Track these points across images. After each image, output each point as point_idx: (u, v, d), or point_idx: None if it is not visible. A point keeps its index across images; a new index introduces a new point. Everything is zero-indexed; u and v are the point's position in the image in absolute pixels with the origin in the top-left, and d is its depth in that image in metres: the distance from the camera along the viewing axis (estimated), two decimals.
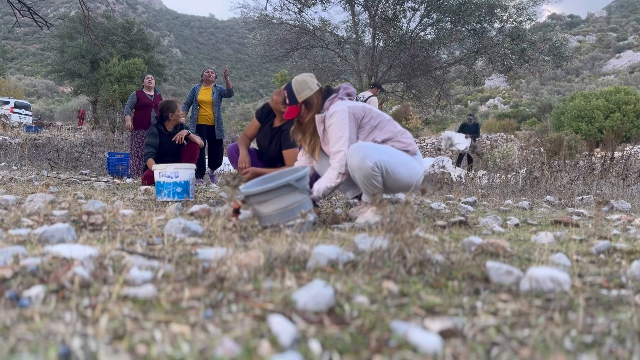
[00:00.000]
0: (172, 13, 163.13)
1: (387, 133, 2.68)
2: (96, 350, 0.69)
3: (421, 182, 2.70)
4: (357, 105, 2.68)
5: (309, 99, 2.73)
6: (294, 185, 2.18)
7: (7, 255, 1.21)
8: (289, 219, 2.15)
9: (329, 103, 2.71)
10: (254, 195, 2.19)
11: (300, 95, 2.72)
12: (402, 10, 13.59)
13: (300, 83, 2.74)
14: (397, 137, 2.69)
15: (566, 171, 6.61)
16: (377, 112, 2.73)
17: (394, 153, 2.58)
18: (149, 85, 6.78)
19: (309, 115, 2.74)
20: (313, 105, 2.73)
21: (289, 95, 2.75)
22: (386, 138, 2.67)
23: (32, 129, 17.78)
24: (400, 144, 2.68)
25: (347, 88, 2.82)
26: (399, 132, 2.72)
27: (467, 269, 1.35)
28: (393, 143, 2.67)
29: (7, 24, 77.64)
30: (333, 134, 2.62)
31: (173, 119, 4.80)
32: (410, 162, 2.63)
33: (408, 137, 2.74)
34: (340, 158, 2.57)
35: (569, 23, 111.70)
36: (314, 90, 2.73)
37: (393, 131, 2.70)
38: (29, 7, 8.68)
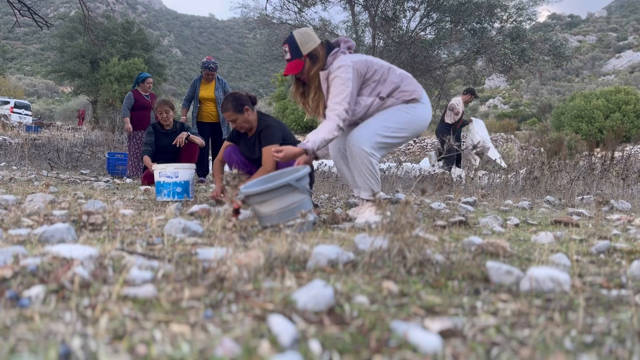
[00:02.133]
0: (172, 13, 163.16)
1: (391, 85, 2.63)
2: (96, 350, 0.69)
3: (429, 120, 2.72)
4: (360, 60, 2.61)
5: (314, 52, 2.62)
6: (294, 185, 2.17)
7: (7, 255, 1.21)
8: (289, 219, 2.14)
9: (332, 58, 2.62)
10: (254, 195, 2.18)
11: (305, 48, 2.60)
12: (402, 10, 13.59)
13: (303, 35, 2.63)
14: (400, 86, 2.64)
15: (566, 171, 6.61)
16: (378, 63, 2.66)
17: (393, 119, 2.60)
18: (149, 87, 6.75)
19: (315, 68, 2.64)
20: (319, 57, 2.63)
21: (291, 49, 2.63)
22: (390, 90, 2.63)
23: (32, 129, 17.77)
24: (405, 93, 2.64)
25: (348, 41, 2.74)
26: (402, 80, 2.66)
27: (467, 269, 1.35)
28: (398, 94, 2.63)
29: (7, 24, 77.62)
30: (336, 87, 2.54)
31: (159, 117, 4.80)
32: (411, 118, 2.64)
33: (411, 82, 2.69)
34: (340, 112, 2.50)
35: (569, 23, 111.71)
36: (318, 42, 2.63)
37: (395, 81, 2.65)
38: (29, 7, 8.68)
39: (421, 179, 6.48)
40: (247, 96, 3.39)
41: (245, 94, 3.43)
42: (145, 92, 6.71)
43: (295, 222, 2.05)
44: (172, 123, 4.86)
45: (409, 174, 7.65)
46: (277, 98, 31.72)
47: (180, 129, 4.90)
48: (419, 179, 6.29)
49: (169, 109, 4.76)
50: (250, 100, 3.37)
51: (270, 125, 3.31)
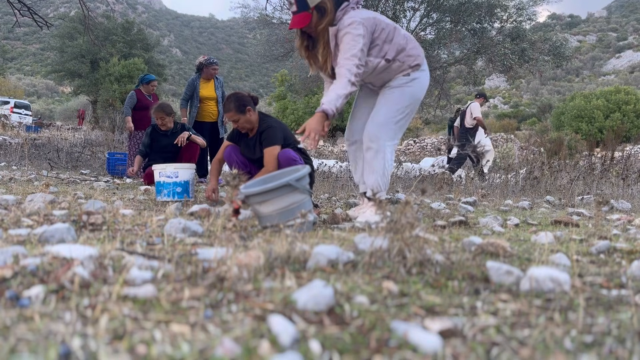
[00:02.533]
0: (172, 13, 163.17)
1: (397, 46, 2.60)
2: (96, 350, 0.69)
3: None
4: (369, 17, 2.55)
5: (322, 4, 2.51)
6: (294, 185, 2.17)
7: (7, 255, 1.21)
8: (289, 219, 2.14)
9: (342, 13, 2.53)
10: (254, 196, 2.18)
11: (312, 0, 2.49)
12: (402, 10, 13.58)
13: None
14: (406, 49, 2.62)
15: (566, 171, 6.61)
16: (385, 22, 2.61)
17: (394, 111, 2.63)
18: (153, 89, 6.75)
19: (324, 22, 2.53)
20: (327, 10, 2.52)
21: (297, 1, 2.52)
22: (396, 52, 2.60)
23: (32, 129, 17.77)
24: (410, 58, 2.63)
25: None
26: (407, 42, 2.65)
27: (467, 269, 1.35)
28: (404, 58, 2.61)
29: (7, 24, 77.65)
30: (346, 44, 2.47)
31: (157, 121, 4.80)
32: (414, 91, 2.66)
33: (415, 45, 2.67)
34: (350, 67, 2.42)
35: (569, 23, 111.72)
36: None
37: (401, 43, 2.62)
38: (29, 7, 8.67)
39: (421, 179, 6.48)
40: (249, 96, 3.39)
41: (247, 94, 3.43)
42: (148, 93, 6.72)
43: (295, 222, 2.05)
44: (171, 126, 4.84)
45: (409, 174, 7.65)
46: (277, 98, 31.71)
47: (181, 129, 4.89)
48: (419, 179, 6.28)
49: (164, 115, 4.73)
50: (252, 101, 3.36)
51: (272, 126, 3.31)
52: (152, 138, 4.85)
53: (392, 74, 2.67)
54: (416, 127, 28.40)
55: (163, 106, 4.78)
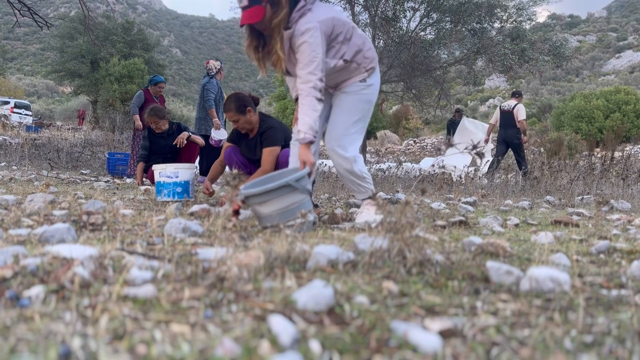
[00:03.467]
0: (172, 13, 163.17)
1: (354, 47, 2.53)
2: (96, 350, 0.69)
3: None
4: (326, 19, 2.42)
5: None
6: (293, 185, 2.17)
7: (7, 255, 1.21)
8: (289, 219, 2.14)
9: (298, 15, 2.39)
10: (254, 196, 2.18)
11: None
12: (402, 10, 13.58)
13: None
14: (363, 50, 2.56)
15: (566, 171, 6.61)
16: (342, 20, 2.51)
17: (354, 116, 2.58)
18: (161, 91, 6.79)
19: (280, 16, 2.36)
20: (281, 4, 2.37)
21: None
22: (354, 53, 2.53)
23: (32, 129, 17.77)
24: (367, 60, 2.57)
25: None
26: (363, 43, 2.59)
27: (467, 269, 1.35)
28: (361, 59, 2.56)
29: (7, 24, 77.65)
30: (305, 54, 2.36)
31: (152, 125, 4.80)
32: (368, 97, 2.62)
33: (370, 47, 2.61)
34: (315, 83, 2.35)
35: (569, 23, 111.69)
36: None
37: (358, 43, 2.55)
38: (29, 7, 8.67)
39: (421, 179, 6.48)
40: (250, 97, 3.39)
41: (248, 94, 3.42)
42: (156, 95, 6.76)
43: (295, 222, 2.05)
44: (165, 128, 4.83)
45: (409, 174, 7.65)
46: (277, 98, 31.72)
47: (177, 130, 4.89)
48: (419, 179, 6.28)
49: (157, 120, 4.72)
50: (252, 101, 3.36)
51: (273, 127, 3.31)
52: (150, 140, 4.86)
53: (348, 75, 2.60)
54: (416, 127, 28.38)
55: (155, 110, 4.75)
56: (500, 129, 8.62)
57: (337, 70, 2.56)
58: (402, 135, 26.44)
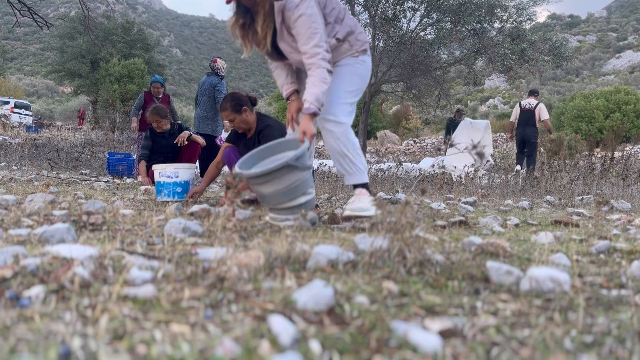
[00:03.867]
0: (172, 13, 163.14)
1: (347, 27, 2.47)
2: (96, 350, 0.69)
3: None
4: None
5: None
6: (293, 165, 2.14)
7: (7, 255, 1.21)
8: (293, 197, 2.15)
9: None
10: (254, 177, 2.17)
11: None
12: (402, 10, 13.58)
13: None
14: (355, 32, 2.50)
15: (566, 171, 6.62)
16: (335, 0, 2.47)
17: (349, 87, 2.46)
18: (157, 91, 6.83)
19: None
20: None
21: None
22: (346, 34, 2.46)
23: (32, 129, 17.78)
24: (359, 42, 2.51)
25: None
26: (356, 26, 2.54)
27: (467, 269, 1.35)
28: (353, 41, 2.49)
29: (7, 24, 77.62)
30: (305, 27, 2.26)
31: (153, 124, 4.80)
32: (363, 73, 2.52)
33: (362, 31, 2.56)
34: (323, 54, 2.26)
35: (569, 23, 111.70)
36: None
37: (351, 24, 2.50)
38: (29, 7, 8.67)
39: (421, 179, 6.48)
40: (247, 97, 3.39)
41: (245, 94, 3.42)
42: (156, 95, 6.78)
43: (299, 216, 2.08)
44: (166, 128, 4.83)
45: (409, 174, 7.65)
46: (277, 98, 31.73)
47: (179, 130, 4.90)
48: (419, 179, 6.28)
49: (159, 118, 4.73)
50: (249, 101, 3.36)
51: (270, 126, 3.31)
52: (152, 140, 4.87)
53: (340, 54, 2.51)
54: (416, 127, 28.38)
55: (157, 109, 4.77)
56: (519, 127, 8.61)
57: (332, 50, 2.48)
58: (402, 135, 26.45)
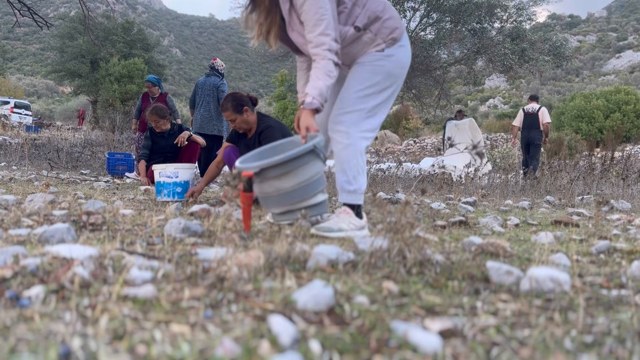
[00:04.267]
0: (172, 13, 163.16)
1: (369, 12, 2.12)
2: (96, 350, 0.69)
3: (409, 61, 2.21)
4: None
5: None
6: (318, 151, 1.82)
7: (7, 255, 1.21)
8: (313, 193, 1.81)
9: None
10: (273, 167, 1.77)
11: None
12: (402, 10, 13.58)
13: None
14: (382, 18, 2.13)
15: (566, 171, 6.62)
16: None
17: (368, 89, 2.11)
18: (151, 91, 6.83)
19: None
20: None
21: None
22: (369, 20, 2.11)
23: (32, 129, 17.78)
24: (385, 30, 2.13)
25: None
26: (384, 10, 2.15)
27: (467, 269, 1.35)
28: (377, 28, 2.12)
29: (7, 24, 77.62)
30: (311, 14, 2.02)
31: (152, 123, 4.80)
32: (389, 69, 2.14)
33: (393, 15, 2.17)
34: (329, 44, 2.00)
35: (569, 23, 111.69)
36: None
37: (376, 10, 2.13)
38: (29, 7, 8.68)
39: (421, 179, 6.48)
40: (248, 97, 3.39)
41: (246, 94, 3.43)
42: (152, 95, 6.79)
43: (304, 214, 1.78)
44: (166, 128, 4.83)
45: (409, 174, 7.65)
46: (277, 98, 31.75)
47: (179, 130, 4.89)
48: (419, 179, 6.28)
49: (158, 118, 4.72)
50: (250, 101, 3.36)
51: (271, 126, 3.31)
52: (151, 140, 4.87)
53: (362, 48, 2.17)
54: (416, 127, 28.38)
55: (156, 109, 4.75)
56: (524, 130, 9.01)
57: (349, 42, 2.15)
58: (402, 135, 26.45)
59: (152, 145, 4.86)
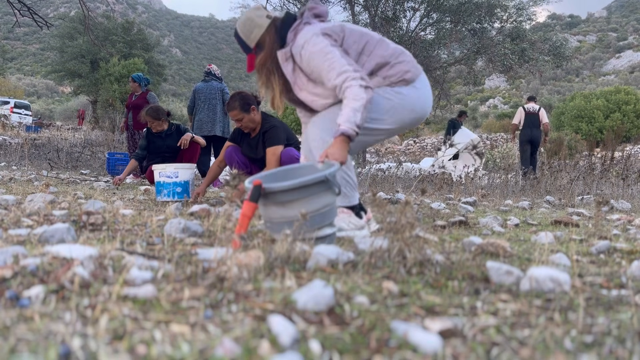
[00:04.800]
0: (172, 13, 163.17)
1: (378, 58, 2.06)
2: (96, 350, 0.69)
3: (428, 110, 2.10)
4: (333, 25, 2.08)
5: (261, 40, 2.13)
6: (330, 182, 1.66)
7: (7, 255, 1.21)
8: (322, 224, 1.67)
9: (293, 34, 2.08)
10: (279, 193, 1.63)
11: (250, 39, 2.14)
12: (402, 10, 13.58)
13: (245, 24, 2.15)
14: (391, 62, 2.07)
15: (566, 171, 6.62)
16: (360, 31, 2.12)
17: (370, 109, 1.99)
18: (133, 86, 6.80)
19: (259, 57, 2.15)
20: (265, 45, 2.13)
21: (240, 44, 2.20)
22: (376, 66, 2.06)
23: (32, 129, 17.78)
24: (395, 74, 2.06)
25: (314, 8, 2.16)
26: (393, 55, 2.08)
27: (467, 269, 1.35)
28: (386, 73, 2.06)
29: (7, 24, 77.63)
30: (321, 66, 1.98)
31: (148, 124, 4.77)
32: (397, 104, 2.04)
33: (406, 59, 2.10)
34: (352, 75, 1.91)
35: (569, 23, 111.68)
36: (264, 27, 2.12)
37: (385, 55, 2.07)
38: (29, 7, 8.67)
39: (421, 179, 6.48)
40: (253, 96, 3.39)
41: (251, 93, 3.43)
42: (135, 92, 6.76)
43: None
44: (162, 129, 4.79)
45: (409, 174, 7.65)
46: None
47: (176, 130, 4.87)
48: (419, 179, 6.28)
49: (152, 120, 4.63)
50: (255, 100, 3.37)
51: (275, 126, 3.32)
52: (148, 140, 4.84)
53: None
54: (416, 127, 28.37)
55: (150, 111, 4.65)
56: (526, 129, 9.25)
57: None
58: (402, 135, 26.44)
59: (148, 146, 4.84)
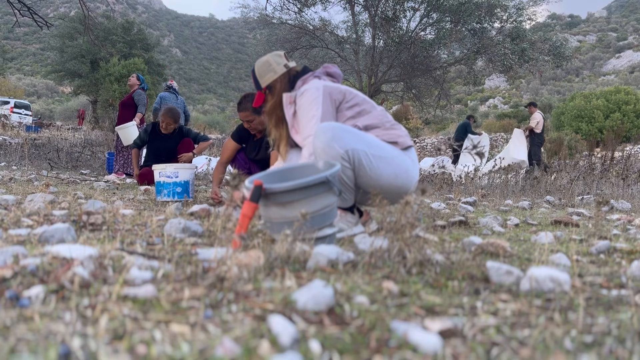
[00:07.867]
0: (172, 13, 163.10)
1: (372, 119, 2.16)
2: (96, 350, 0.69)
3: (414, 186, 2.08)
4: (336, 86, 2.19)
5: (272, 84, 2.28)
6: (331, 183, 1.67)
7: (7, 255, 1.21)
8: (322, 225, 1.68)
9: (302, 82, 2.23)
10: (279, 194, 1.64)
11: (263, 80, 2.29)
12: (402, 10, 13.59)
13: (262, 65, 2.30)
14: (381, 127, 2.15)
15: (566, 171, 6.62)
16: (363, 97, 2.22)
17: (376, 143, 2.02)
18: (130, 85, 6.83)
19: (270, 103, 2.29)
20: (275, 91, 2.27)
21: (254, 79, 2.35)
22: (370, 124, 2.14)
23: (32, 129, 17.78)
24: (387, 134, 2.12)
25: (329, 67, 2.33)
26: (388, 122, 2.18)
27: (467, 269, 1.35)
28: (378, 132, 2.12)
29: (7, 24, 77.63)
30: (303, 116, 2.11)
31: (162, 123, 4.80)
32: (397, 156, 2.05)
33: (399, 127, 2.19)
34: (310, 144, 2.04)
35: (569, 23, 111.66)
36: (278, 73, 2.26)
37: (380, 117, 2.17)
38: (29, 7, 8.67)
39: (421, 179, 6.48)
40: None
41: None
42: (131, 88, 6.79)
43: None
44: (171, 131, 4.83)
45: None
46: None
47: (179, 133, 4.88)
48: (419, 179, 6.28)
49: (170, 121, 4.73)
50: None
51: None
52: (150, 137, 4.85)
53: None
54: (416, 127, 28.38)
55: (171, 113, 4.74)
56: (544, 133, 10.29)
57: None
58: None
59: (148, 144, 4.85)
